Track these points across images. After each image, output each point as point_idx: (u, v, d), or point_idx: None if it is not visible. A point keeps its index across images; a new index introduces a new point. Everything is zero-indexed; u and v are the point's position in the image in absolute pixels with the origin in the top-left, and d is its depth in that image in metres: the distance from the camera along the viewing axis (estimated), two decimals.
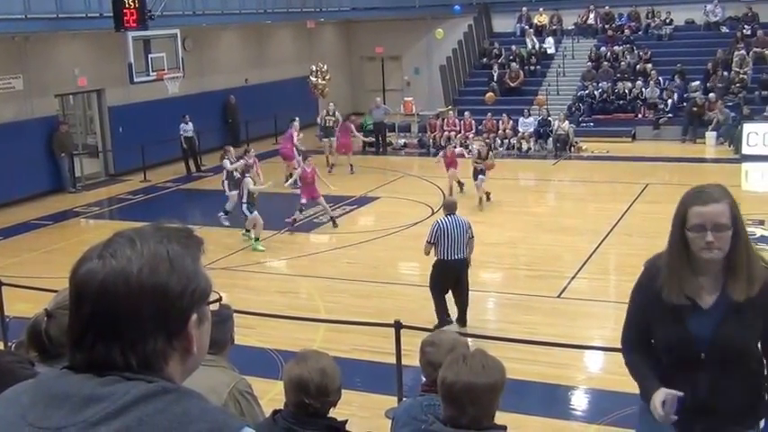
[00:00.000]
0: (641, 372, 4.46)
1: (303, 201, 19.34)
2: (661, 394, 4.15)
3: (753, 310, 4.19)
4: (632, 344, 4.57)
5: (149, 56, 23.18)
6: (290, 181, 19.79)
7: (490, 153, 22.27)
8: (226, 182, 20.27)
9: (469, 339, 5.18)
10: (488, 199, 21.25)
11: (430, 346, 4.74)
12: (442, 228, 12.62)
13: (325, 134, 27.36)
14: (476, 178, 21.23)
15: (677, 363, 4.34)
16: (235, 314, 4.88)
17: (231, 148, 20.95)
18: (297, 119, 25.42)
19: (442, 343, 4.69)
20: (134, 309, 1.76)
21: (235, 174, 20.05)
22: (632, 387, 4.62)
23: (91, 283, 1.77)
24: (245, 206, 17.98)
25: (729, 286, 4.20)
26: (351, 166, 25.94)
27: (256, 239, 17.97)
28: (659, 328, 4.39)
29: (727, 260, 4.17)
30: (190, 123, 27.08)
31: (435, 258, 12.85)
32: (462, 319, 13.00)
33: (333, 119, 27.32)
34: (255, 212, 17.93)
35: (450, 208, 13.11)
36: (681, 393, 4.11)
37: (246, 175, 18.35)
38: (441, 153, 23.36)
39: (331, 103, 28.10)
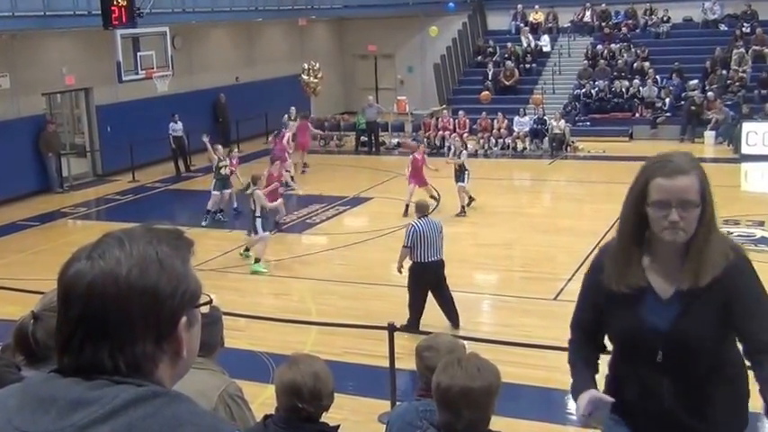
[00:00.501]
0: (577, 364, 3.94)
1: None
2: (588, 395, 3.68)
3: (710, 301, 3.64)
4: (579, 327, 4.07)
5: (138, 54, 23.17)
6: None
7: (463, 153, 20.71)
8: (215, 180, 20.32)
9: (455, 339, 5.22)
10: (469, 204, 20.49)
11: (427, 350, 4.72)
12: (417, 231, 12.73)
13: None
14: (457, 180, 20.28)
15: (632, 361, 3.81)
16: (224, 316, 4.89)
17: (219, 146, 20.98)
18: (292, 119, 25.66)
19: (439, 347, 4.67)
20: (123, 311, 1.76)
21: (222, 171, 20.12)
22: None
23: (79, 284, 1.77)
24: (259, 221, 16.79)
25: (682, 273, 3.66)
26: (305, 164, 26.07)
27: (257, 261, 16.78)
28: (610, 318, 3.86)
29: (686, 242, 3.63)
30: (179, 123, 27.02)
31: (411, 262, 12.94)
32: (454, 322, 13.02)
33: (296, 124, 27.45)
34: (268, 232, 17.16)
35: (422, 210, 13.25)
36: (611, 400, 3.67)
37: (255, 188, 17.04)
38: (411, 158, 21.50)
39: (292, 108, 28.05)
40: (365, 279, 15.79)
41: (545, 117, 28.85)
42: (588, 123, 30.25)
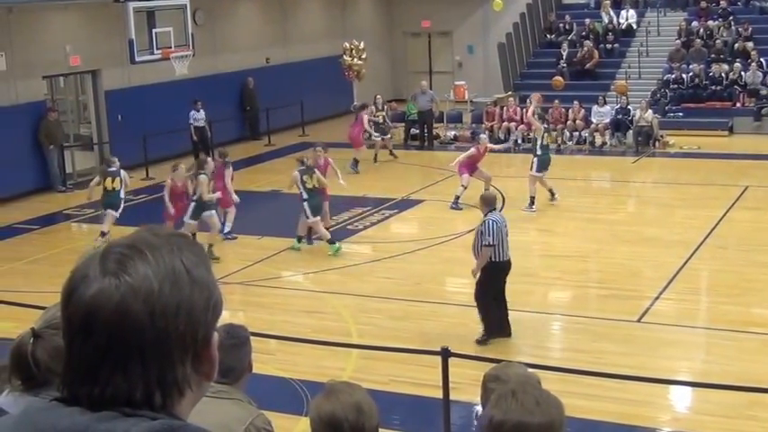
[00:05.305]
0: None
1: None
2: None
3: None
4: None
5: (153, 31, 23.33)
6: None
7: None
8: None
9: (529, 370, 5.17)
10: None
11: (494, 381, 4.69)
12: (498, 225, 13.05)
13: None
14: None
15: None
16: (252, 337, 4.92)
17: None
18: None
19: (509, 378, 4.64)
20: (160, 333, 1.78)
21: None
22: (726, 429, 4.55)
23: (106, 306, 1.77)
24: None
25: None
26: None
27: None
28: None
29: None
30: (201, 111, 27.21)
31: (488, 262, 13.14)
32: (509, 331, 13.42)
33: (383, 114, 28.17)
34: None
35: (493, 203, 13.57)
36: None
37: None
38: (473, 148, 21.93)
39: (378, 96, 28.56)
40: (415, 295, 15.77)
41: (629, 106, 28.65)
42: (680, 114, 30.01)
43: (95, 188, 19.51)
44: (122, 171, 19.30)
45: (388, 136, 28.08)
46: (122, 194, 19.37)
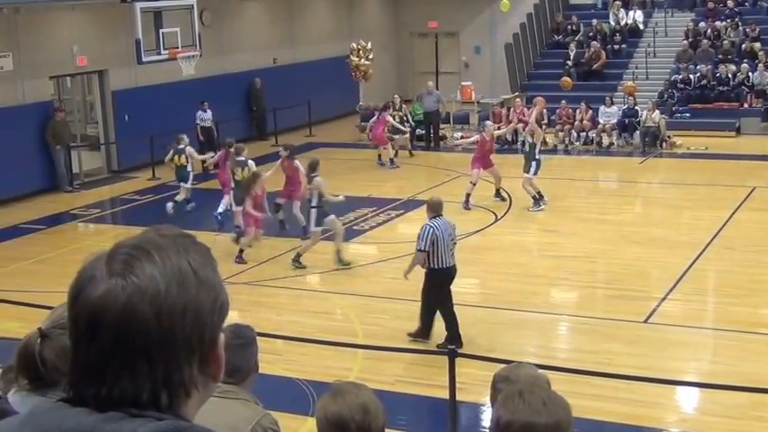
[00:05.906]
0: None
1: (281, 200, 19.44)
2: None
3: None
4: None
5: (160, 31, 23.36)
6: None
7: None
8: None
9: (539, 371, 5.18)
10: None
11: (504, 381, 4.68)
12: (436, 232, 13.01)
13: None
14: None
15: None
16: (258, 337, 4.92)
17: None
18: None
19: (518, 379, 4.64)
20: (166, 334, 1.78)
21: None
22: (732, 430, 4.54)
23: (113, 306, 1.77)
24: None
25: None
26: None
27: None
28: None
29: None
30: (208, 111, 27.23)
31: (428, 269, 13.21)
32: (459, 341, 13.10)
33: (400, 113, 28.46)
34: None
35: (438, 209, 13.52)
36: None
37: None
38: (478, 134, 22.56)
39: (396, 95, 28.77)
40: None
41: (636, 107, 28.62)
42: (688, 115, 29.98)
43: (168, 162, 22.23)
44: (188, 148, 22.00)
45: (406, 134, 28.18)
46: (190, 168, 21.97)
